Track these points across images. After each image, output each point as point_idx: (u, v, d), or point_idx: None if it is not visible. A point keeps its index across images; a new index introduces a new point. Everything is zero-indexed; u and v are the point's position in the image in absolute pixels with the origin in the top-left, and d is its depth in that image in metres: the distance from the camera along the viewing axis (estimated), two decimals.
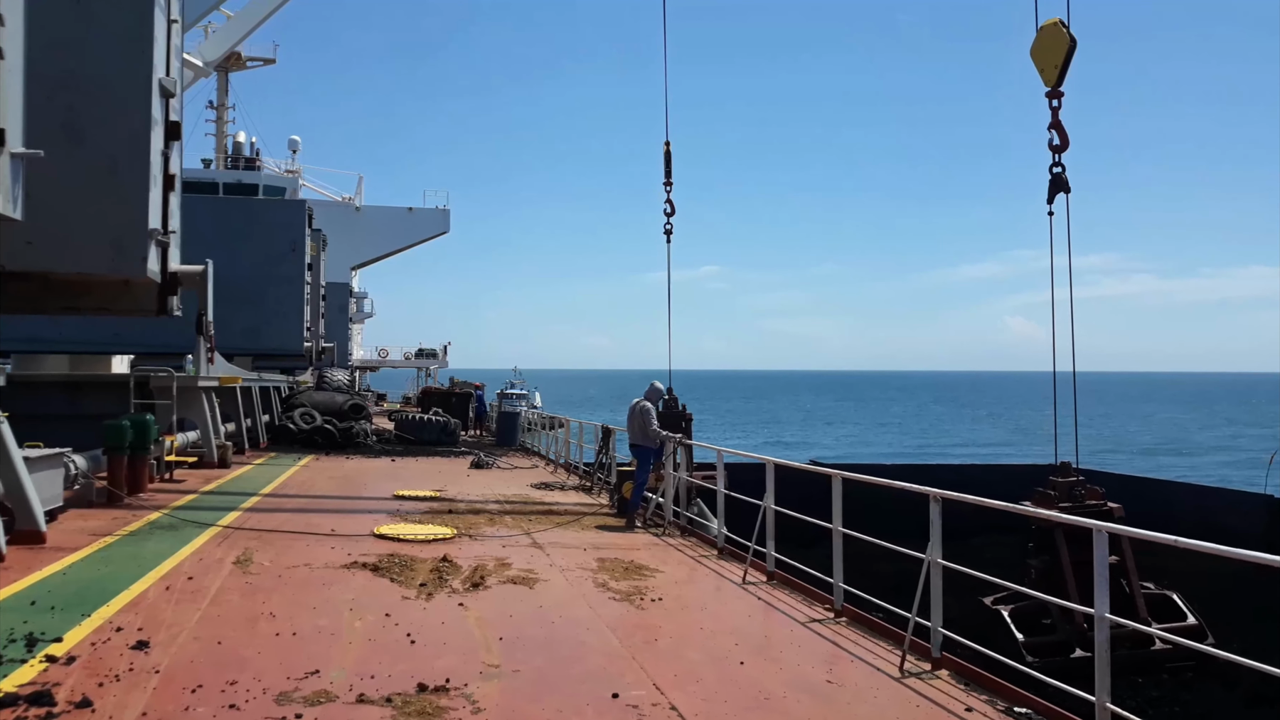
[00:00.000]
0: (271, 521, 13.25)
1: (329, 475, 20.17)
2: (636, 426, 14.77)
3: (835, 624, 8.83)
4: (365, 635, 7.56)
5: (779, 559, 10.76)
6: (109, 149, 14.03)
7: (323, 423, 27.97)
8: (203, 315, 19.71)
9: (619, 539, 13.25)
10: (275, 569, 10.06)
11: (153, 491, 15.58)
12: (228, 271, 28.92)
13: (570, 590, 9.70)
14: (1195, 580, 13.48)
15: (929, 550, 7.57)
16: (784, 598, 9.86)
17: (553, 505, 16.63)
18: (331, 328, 46.13)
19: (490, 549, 11.81)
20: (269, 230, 32.79)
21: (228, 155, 60.49)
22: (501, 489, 18.74)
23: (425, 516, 14.34)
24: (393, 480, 19.59)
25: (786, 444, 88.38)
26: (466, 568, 10.45)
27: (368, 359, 76.01)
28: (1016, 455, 67.86)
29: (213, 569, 9.87)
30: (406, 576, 9.88)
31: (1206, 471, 62.75)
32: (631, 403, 15.08)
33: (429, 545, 11.87)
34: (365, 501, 16.29)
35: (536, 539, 12.78)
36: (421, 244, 66.76)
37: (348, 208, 64.48)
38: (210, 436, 20.46)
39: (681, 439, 14.41)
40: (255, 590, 9.01)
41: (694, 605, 9.43)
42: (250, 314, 30.89)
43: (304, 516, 13.83)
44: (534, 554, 11.65)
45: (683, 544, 13.10)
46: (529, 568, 10.69)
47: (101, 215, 13.49)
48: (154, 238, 15.17)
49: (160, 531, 12.03)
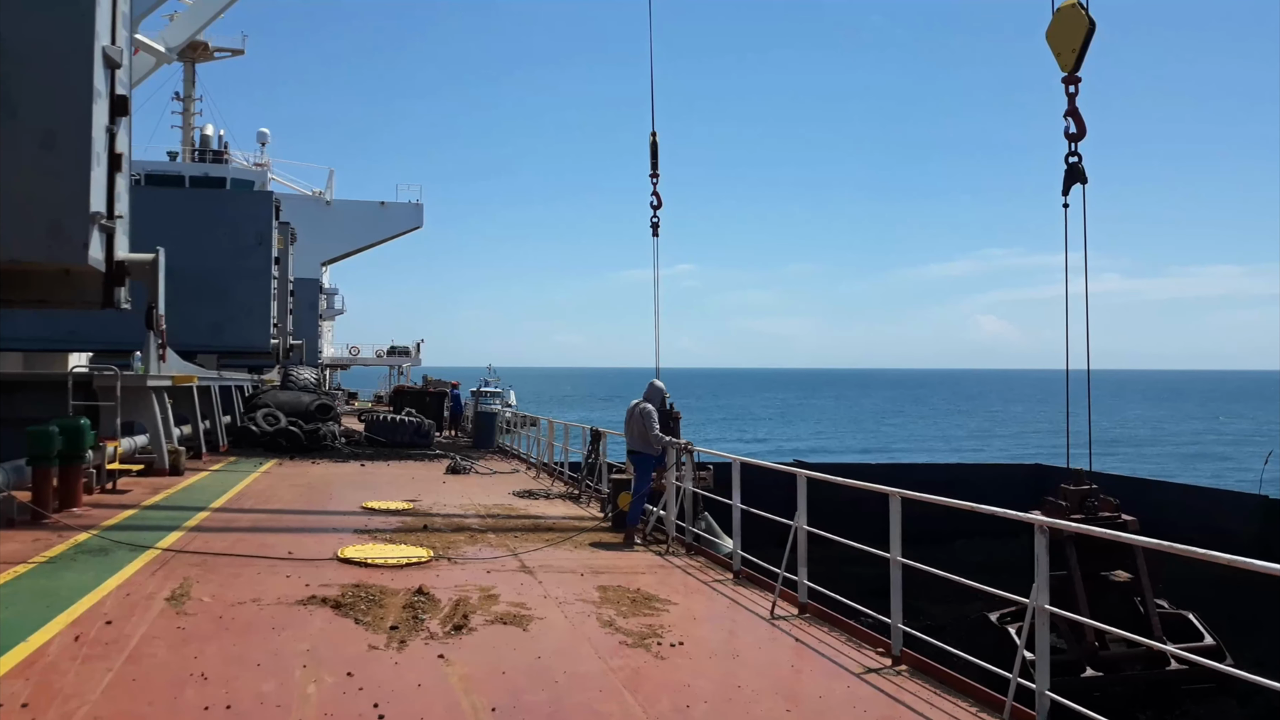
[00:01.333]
0: (220, 542, 11.55)
1: (291, 484, 18.43)
2: (636, 430, 13.15)
3: (896, 675, 7.27)
4: (321, 708, 5.92)
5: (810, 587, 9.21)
6: (44, 121, 12.63)
7: (287, 424, 26.18)
8: (152, 308, 17.81)
9: (618, 560, 11.66)
10: (216, 607, 8.38)
11: (88, 506, 13.80)
12: (191, 265, 27.37)
13: (572, 632, 8.09)
14: (1192, 586, 12.64)
15: (1034, 594, 6.03)
16: (824, 638, 8.30)
17: (539, 518, 15.00)
18: (301, 325, 44.52)
19: (473, 575, 10.18)
20: (234, 222, 31.37)
21: (195, 148, 58.51)
22: (481, 498, 17.08)
23: (397, 534, 12.68)
24: (362, 489, 17.89)
25: (761, 440, 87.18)
26: (446, 602, 8.82)
27: (338, 357, 73.98)
28: (1013, 454, 66.94)
29: (139, 609, 8.17)
30: (374, 616, 8.23)
31: (1176, 466, 62.55)
32: (630, 404, 13.47)
33: (401, 572, 10.21)
34: (330, 517, 14.57)
35: (525, 561, 11.16)
36: (394, 239, 64.95)
37: (318, 202, 62.45)
38: (161, 441, 18.68)
39: (688, 445, 12.79)
40: (187, 640, 7.33)
41: (723, 651, 7.83)
42: (214, 309, 29.43)
43: (258, 537, 12.13)
44: (524, 581, 10.03)
45: (690, 565, 11.53)
46: (520, 600, 9.07)
47: (36, 196, 12.08)
48: (97, 221, 13.51)
49: (86, 557, 10.30)
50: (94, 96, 13.61)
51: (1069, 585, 10.82)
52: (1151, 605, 11.15)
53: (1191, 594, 12.35)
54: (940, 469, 36.35)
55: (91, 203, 13.43)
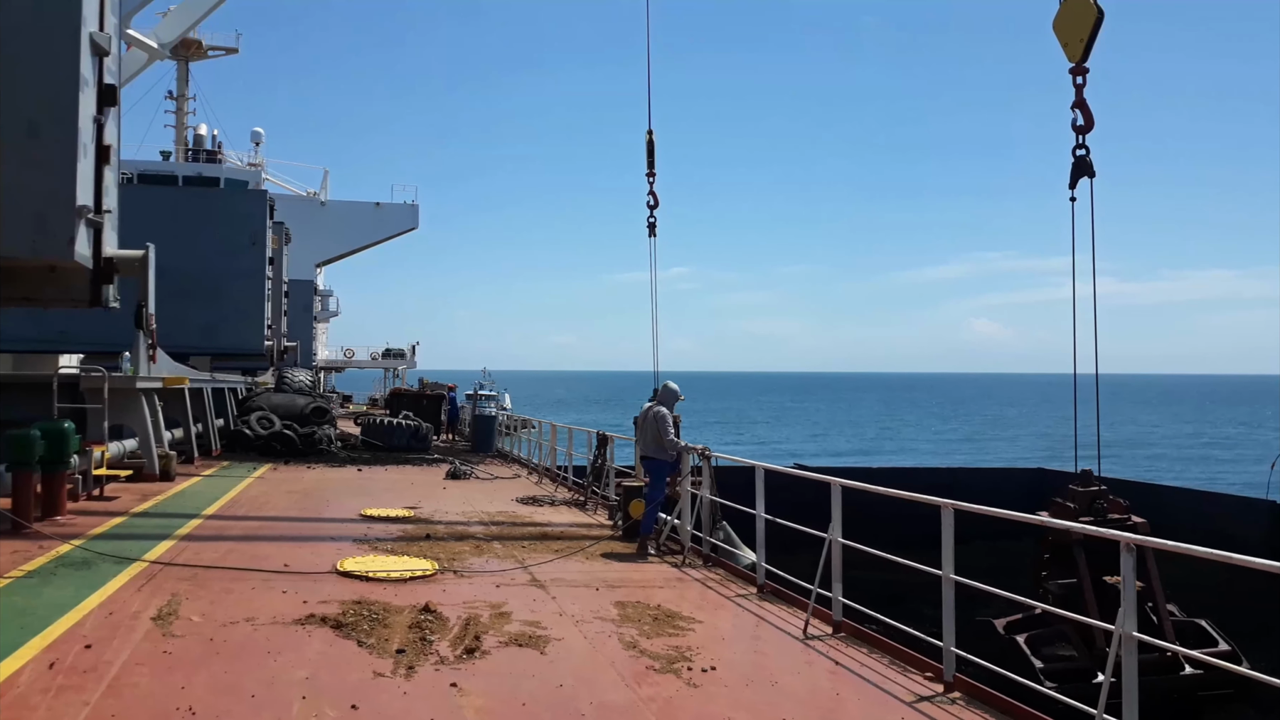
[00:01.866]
0: (211, 553, 10.89)
1: (286, 489, 17.75)
2: (650, 435, 12.51)
3: (952, 704, 6.64)
4: None
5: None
6: (26, 110, 12.02)
7: (282, 428, 25.47)
8: (142, 306, 17.04)
9: (633, 572, 11.02)
10: (207, 627, 7.72)
11: (73, 515, 13.12)
12: (183, 265, 26.68)
13: (594, 655, 7.45)
14: (1198, 593, 12.40)
15: (1121, 620, 5.41)
16: (865, 660, 7.66)
17: (546, 526, 14.36)
18: (295, 326, 43.85)
19: (482, 590, 9.53)
20: (228, 221, 30.69)
21: (188, 148, 57.80)
22: (484, 505, 16.42)
23: (399, 544, 12.03)
24: (359, 495, 17.24)
25: (761, 442, 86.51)
26: (455, 621, 8.17)
27: (333, 359, 73.14)
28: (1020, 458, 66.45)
29: (122, 630, 7.51)
30: (379, 637, 7.57)
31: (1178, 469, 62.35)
32: (644, 407, 12.82)
33: (405, 587, 9.56)
34: (327, 525, 13.89)
35: (535, 574, 10.51)
36: (390, 240, 64.24)
37: (313, 202, 61.75)
38: (151, 445, 18.00)
39: (705, 450, 12.14)
40: (174, 666, 6.67)
41: (759, 678, 7.17)
42: (208, 310, 28.80)
43: (252, 547, 11.46)
44: (537, 597, 9.38)
45: (709, 577, 10.89)
46: (534, 619, 8.43)
47: (18, 187, 11.44)
48: (83, 216, 12.86)
49: (67, 571, 9.62)
50: (80, 84, 13.00)
51: (1079, 591, 10.54)
52: (1164, 612, 10.89)
53: (1197, 600, 12.07)
54: (943, 473, 35.86)
55: (78, 196, 12.82)
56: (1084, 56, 10.62)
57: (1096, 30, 10.56)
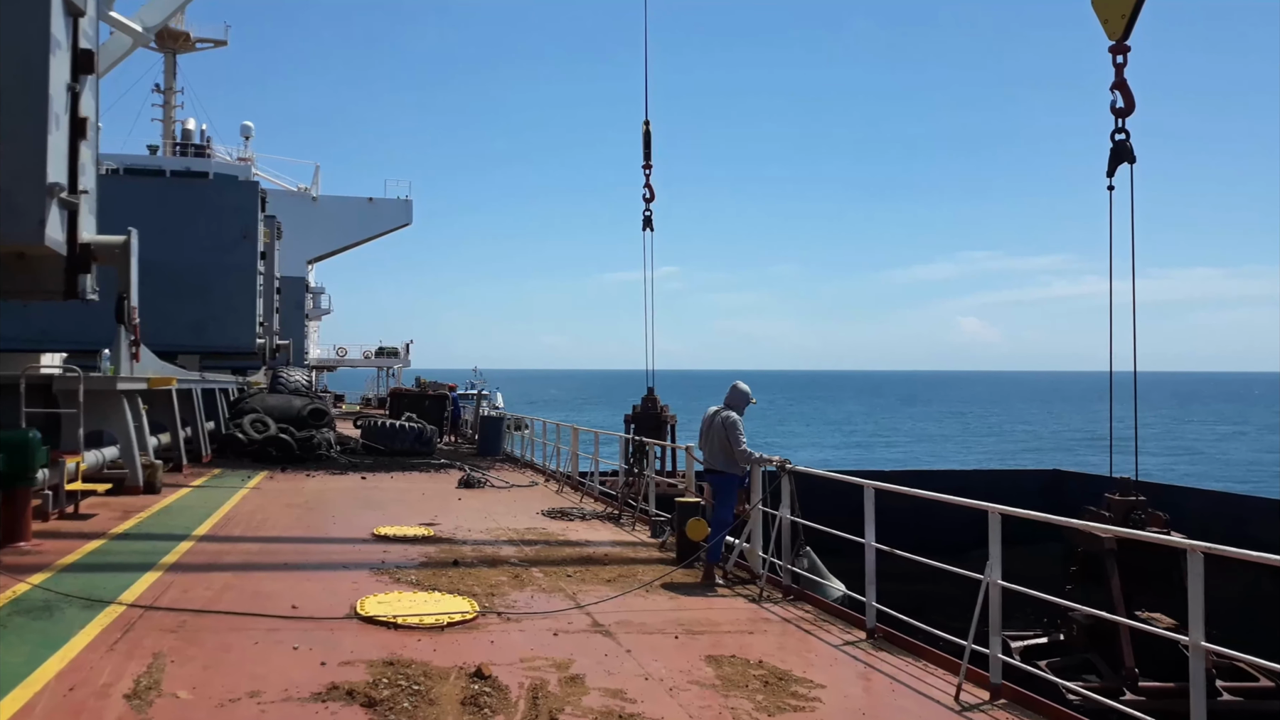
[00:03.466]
0: (204, 590, 9.04)
1: (286, 502, 15.89)
2: (717, 444, 10.68)
3: None
4: None
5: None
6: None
7: (277, 431, 23.57)
8: (124, 297, 15.02)
9: (709, 611, 9.20)
10: (199, 710, 5.88)
11: (39, 540, 11.18)
12: (171, 259, 24.91)
13: None
14: (1211, 604, 11.19)
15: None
16: None
17: (583, 546, 12.55)
18: (287, 324, 42.10)
19: (538, 641, 7.70)
20: (218, 214, 29.04)
21: (176, 142, 55.97)
22: (509, 520, 14.58)
23: (424, 573, 10.20)
24: (368, 508, 15.40)
25: (761, 446, 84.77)
26: (517, 690, 6.36)
27: (325, 358, 71.15)
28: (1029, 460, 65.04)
29: (86, 715, 5.67)
30: None
31: None
32: (708, 411, 11.00)
33: (444, 637, 7.72)
34: (336, 547, 12.03)
35: (596, 616, 8.68)
36: (383, 236, 62.38)
37: (304, 198, 59.85)
38: (134, 453, 16.10)
39: (785, 463, 10.29)
40: None
41: None
42: (197, 306, 27.16)
43: (252, 580, 9.60)
44: (607, 650, 7.55)
45: (800, 616, 9.09)
46: (615, 686, 6.60)
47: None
48: (55, 194, 11.03)
49: (22, 621, 7.73)
50: (52, 45, 11.11)
51: (1108, 608, 10.03)
52: None
53: (1209, 610, 10.68)
54: (957, 475, 34.53)
55: (49, 172, 10.93)
56: (1125, 34, 10.19)
57: (1140, 4, 10.12)
